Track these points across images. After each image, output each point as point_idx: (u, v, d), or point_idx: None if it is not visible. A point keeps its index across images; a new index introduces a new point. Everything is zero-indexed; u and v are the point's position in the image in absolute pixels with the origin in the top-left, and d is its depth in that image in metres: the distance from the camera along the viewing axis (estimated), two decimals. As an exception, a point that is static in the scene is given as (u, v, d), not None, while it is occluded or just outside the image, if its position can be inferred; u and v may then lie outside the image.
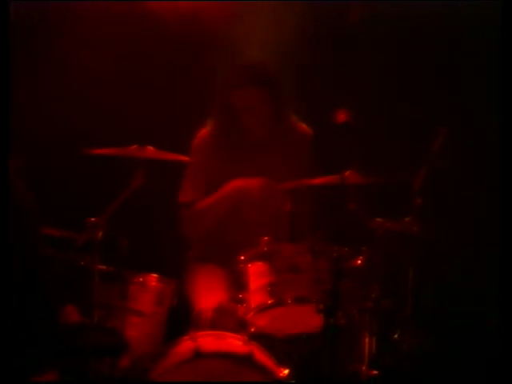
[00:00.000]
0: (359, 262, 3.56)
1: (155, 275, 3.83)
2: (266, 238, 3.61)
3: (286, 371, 3.42)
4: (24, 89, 4.54)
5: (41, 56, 4.87)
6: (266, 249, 3.60)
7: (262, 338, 3.55)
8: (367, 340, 3.52)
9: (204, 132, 4.26)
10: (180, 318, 3.91)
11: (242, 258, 3.63)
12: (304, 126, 4.26)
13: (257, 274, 3.58)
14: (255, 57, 4.60)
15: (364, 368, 3.51)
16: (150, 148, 3.85)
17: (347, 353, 3.50)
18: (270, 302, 3.52)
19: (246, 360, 3.37)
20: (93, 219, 3.68)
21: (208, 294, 3.95)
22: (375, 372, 3.46)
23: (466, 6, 4.64)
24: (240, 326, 3.60)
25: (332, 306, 3.15)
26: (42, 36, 4.85)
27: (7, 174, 3.30)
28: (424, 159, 3.73)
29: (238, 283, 3.65)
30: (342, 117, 3.49)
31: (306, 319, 3.51)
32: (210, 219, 4.11)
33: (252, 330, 3.58)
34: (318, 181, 3.75)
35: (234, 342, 3.47)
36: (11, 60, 3.27)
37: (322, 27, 4.94)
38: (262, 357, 3.43)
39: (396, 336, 3.50)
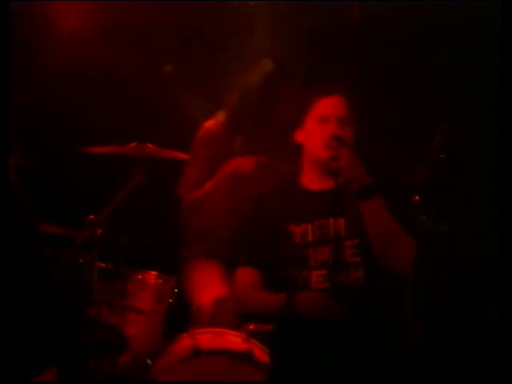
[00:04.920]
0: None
1: (154, 273, 3.84)
2: None
3: None
4: (22, 87, 4.54)
5: (38, 52, 4.88)
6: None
7: (262, 336, 3.54)
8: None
9: (209, 125, 4.17)
10: (179, 316, 3.91)
11: None
12: None
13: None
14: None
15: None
16: (150, 145, 3.86)
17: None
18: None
19: (246, 357, 3.36)
20: (92, 217, 3.68)
21: (206, 288, 3.93)
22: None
23: (466, 5, 4.65)
24: (239, 323, 3.59)
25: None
26: (40, 32, 4.86)
27: (7, 174, 3.31)
28: (423, 158, 3.73)
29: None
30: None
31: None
32: (209, 207, 4.06)
33: (251, 327, 3.57)
34: None
35: (233, 340, 3.46)
36: (10, 58, 3.28)
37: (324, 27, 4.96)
38: (261, 354, 3.42)
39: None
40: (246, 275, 2.96)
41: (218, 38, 5.05)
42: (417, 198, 3.65)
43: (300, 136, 3.00)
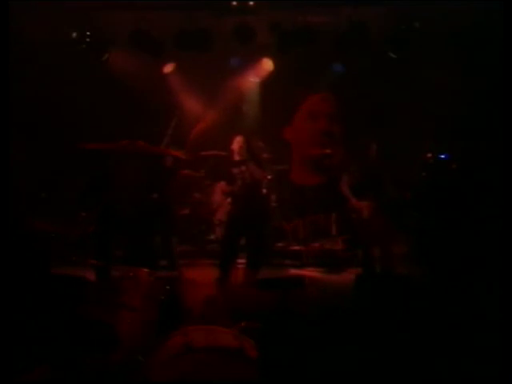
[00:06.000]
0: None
1: (146, 270, 3.83)
2: None
3: None
4: (22, 87, 4.58)
5: (38, 53, 4.92)
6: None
7: (253, 332, 3.53)
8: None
9: (201, 126, 4.36)
10: (171, 313, 3.90)
11: None
12: None
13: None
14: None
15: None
16: (142, 143, 3.86)
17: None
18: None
19: (237, 354, 3.36)
20: (84, 214, 3.69)
21: (198, 288, 3.94)
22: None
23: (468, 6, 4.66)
24: (230, 320, 3.59)
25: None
26: (40, 32, 4.89)
27: (7, 174, 3.33)
28: (417, 156, 3.73)
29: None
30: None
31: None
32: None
33: (243, 324, 3.57)
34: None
35: (225, 337, 3.45)
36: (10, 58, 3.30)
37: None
38: (252, 350, 3.41)
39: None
40: (241, 275, 2.97)
41: (218, 37, 5.06)
42: (409, 195, 3.65)
43: (289, 133, 2.99)
